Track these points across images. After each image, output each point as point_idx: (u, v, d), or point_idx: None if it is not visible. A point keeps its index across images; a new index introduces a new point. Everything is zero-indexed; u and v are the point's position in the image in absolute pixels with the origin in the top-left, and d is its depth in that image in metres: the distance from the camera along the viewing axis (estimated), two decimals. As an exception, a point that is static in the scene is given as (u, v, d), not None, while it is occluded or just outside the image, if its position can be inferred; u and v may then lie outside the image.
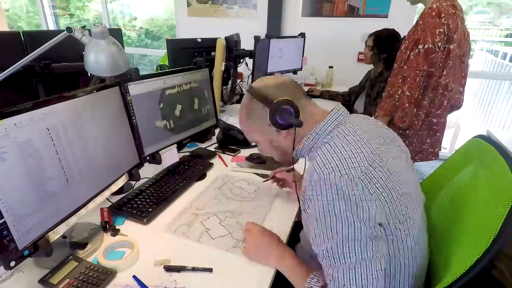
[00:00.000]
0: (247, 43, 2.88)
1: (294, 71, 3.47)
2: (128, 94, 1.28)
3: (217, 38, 2.18)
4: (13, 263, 0.80)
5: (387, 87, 2.04)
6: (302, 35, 3.38)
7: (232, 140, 1.85)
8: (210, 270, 0.98)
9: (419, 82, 1.83)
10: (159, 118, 1.45)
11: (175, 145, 1.56)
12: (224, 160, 1.73)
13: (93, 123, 1.07)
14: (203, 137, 1.90)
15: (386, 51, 2.58)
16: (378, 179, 0.79)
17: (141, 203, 1.27)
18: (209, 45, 2.38)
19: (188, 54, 2.42)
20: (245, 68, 2.90)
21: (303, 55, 3.46)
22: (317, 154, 0.85)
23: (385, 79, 2.51)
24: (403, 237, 0.82)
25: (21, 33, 1.75)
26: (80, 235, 1.10)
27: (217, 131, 1.90)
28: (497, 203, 0.81)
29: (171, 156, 1.53)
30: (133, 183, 1.42)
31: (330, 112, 0.94)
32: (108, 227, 1.14)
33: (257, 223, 1.13)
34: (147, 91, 1.38)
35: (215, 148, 1.86)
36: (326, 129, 0.91)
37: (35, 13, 6.20)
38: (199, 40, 2.52)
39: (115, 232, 1.14)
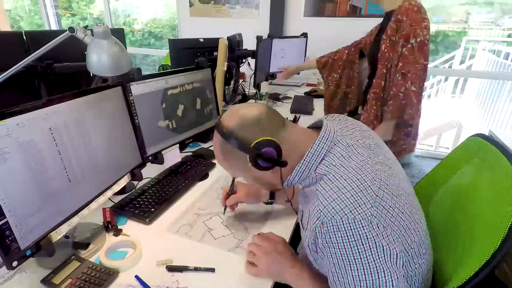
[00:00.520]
0: (249, 43, 2.87)
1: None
2: (130, 94, 1.28)
3: (219, 38, 2.18)
4: (15, 263, 0.80)
5: (379, 90, 2.02)
6: (304, 35, 3.38)
7: (234, 140, 1.84)
8: (212, 270, 0.98)
9: (420, 75, 1.85)
10: (161, 118, 1.45)
11: (177, 145, 1.56)
12: (226, 160, 1.72)
13: (95, 123, 1.07)
14: (205, 137, 1.89)
15: None
16: (388, 208, 0.75)
17: (143, 203, 1.27)
18: (211, 45, 2.38)
19: (191, 54, 2.41)
20: (247, 68, 2.90)
21: (305, 55, 3.45)
22: (318, 192, 0.80)
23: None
24: (417, 256, 0.81)
25: (23, 33, 1.75)
26: (82, 235, 1.10)
27: (219, 131, 1.89)
28: (503, 202, 0.81)
29: (173, 156, 1.53)
30: (135, 183, 1.42)
31: (317, 136, 0.86)
32: (110, 227, 1.14)
33: (262, 233, 1.06)
34: (149, 91, 1.38)
35: (217, 148, 1.85)
36: (318, 156, 0.84)
37: (35, 12, 6.22)
38: (201, 40, 2.52)
39: (117, 232, 1.13)
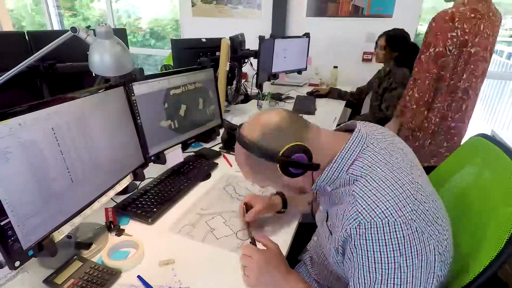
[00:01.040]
0: (251, 43, 2.87)
1: (299, 71, 3.46)
2: (132, 94, 1.27)
3: (221, 38, 2.18)
4: (17, 263, 0.80)
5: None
6: (307, 35, 3.37)
7: (237, 140, 1.84)
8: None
9: (428, 84, 1.83)
10: (163, 118, 1.45)
11: (180, 145, 1.56)
12: (229, 160, 1.72)
13: (97, 123, 1.07)
14: (207, 137, 1.89)
15: (397, 50, 2.62)
16: (425, 212, 0.74)
17: (145, 203, 1.27)
18: (213, 45, 2.38)
19: (193, 54, 2.42)
20: (249, 68, 2.90)
21: (307, 55, 3.45)
22: (354, 193, 0.77)
23: (393, 76, 2.59)
24: (445, 264, 0.79)
25: (25, 33, 1.75)
26: (84, 235, 1.10)
27: (221, 131, 1.90)
28: (508, 203, 0.80)
29: (175, 156, 1.53)
30: (137, 183, 1.42)
31: (349, 138, 0.84)
32: (112, 227, 1.14)
33: (252, 246, 1.01)
34: (151, 91, 1.37)
35: (219, 148, 1.86)
36: (350, 157, 0.82)
37: (37, 12, 6.23)
38: (203, 40, 2.52)
39: (119, 232, 1.13)
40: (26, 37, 1.75)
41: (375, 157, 0.81)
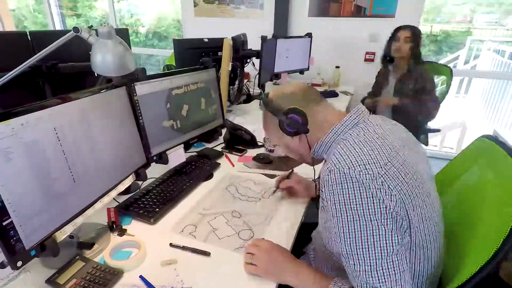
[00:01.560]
0: (254, 43, 2.87)
1: (301, 71, 3.45)
2: (135, 94, 1.27)
3: (224, 38, 2.18)
4: (20, 263, 0.80)
5: None
6: (309, 35, 3.37)
7: (239, 140, 1.85)
8: (208, 254, 1.04)
9: None
10: (166, 118, 1.45)
11: (182, 145, 1.56)
12: (231, 160, 1.72)
13: (100, 123, 1.06)
14: (210, 137, 1.89)
15: (419, 46, 2.59)
16: (397, 174, 0.79)
17: (148, 203, 1.27)
18: (216, 45, 2.38)
19: (195, 54, 2.41)
20: (252, 68, 2.90)
21: (309, 55, 3.45)
22: (335, 150, 0.86)
23: (419, 75, 2.55)
24: (422, 229, 0.82)
25: (28, 33, 1.76)
26: (87, 235, 1.10)
27: (224, 131, 1.90)
28: (508, 203, 0.81)
29: (178, 156, 1.53)
30: (140, 183, 1.42)
31: (349, 113, 0.95)
32: (115, 227, 1.14)
33: (261, 238, 1.10)
34: (154, 91, 1.37)
35: (222, 148, 1.85)
36: (344, 128, 0.92)
37: (39, 11, 6.24)
38: (206, 40, 2.51)
39: (122, 232, 1.13)
40: (28, 37, 1.75)
41: (365, 127, 0.91)
